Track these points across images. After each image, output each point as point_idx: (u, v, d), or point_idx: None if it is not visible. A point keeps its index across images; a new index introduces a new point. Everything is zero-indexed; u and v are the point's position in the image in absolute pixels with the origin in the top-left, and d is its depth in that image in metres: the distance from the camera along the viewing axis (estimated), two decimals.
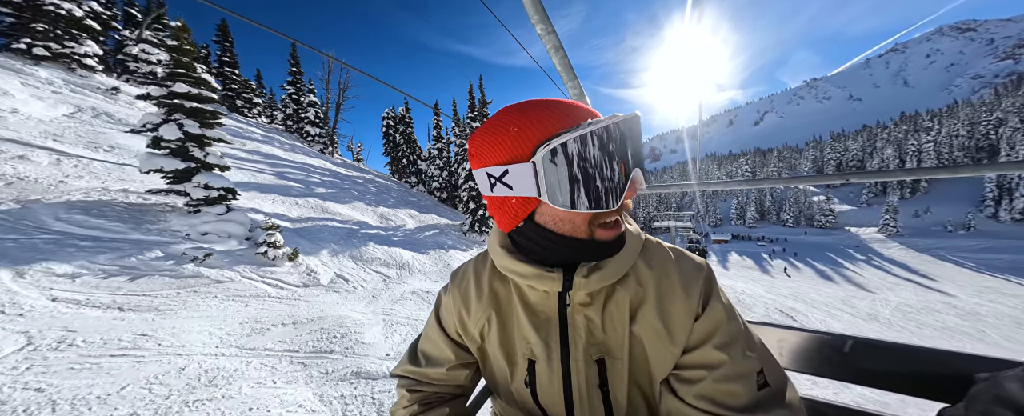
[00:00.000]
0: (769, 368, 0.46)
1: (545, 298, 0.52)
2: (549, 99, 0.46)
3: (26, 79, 9.33)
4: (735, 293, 12.94)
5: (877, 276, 30.16)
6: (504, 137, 0.44)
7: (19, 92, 8.34)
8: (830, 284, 25.55)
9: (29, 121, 7.32)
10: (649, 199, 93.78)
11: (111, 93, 10.85)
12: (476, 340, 0.59)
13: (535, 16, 0.72)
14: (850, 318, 12.83)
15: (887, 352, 0.65)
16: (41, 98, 8.64)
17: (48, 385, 2.59)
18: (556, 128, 0.43)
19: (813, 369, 0.73)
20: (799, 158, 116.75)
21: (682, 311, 0.48)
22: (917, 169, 0.85)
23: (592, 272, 0.48)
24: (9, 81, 8.51)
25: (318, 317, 4.59)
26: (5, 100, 7.69)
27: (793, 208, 77.12)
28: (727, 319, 0.48)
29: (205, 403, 2.71)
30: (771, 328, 0.78)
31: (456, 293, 0.62)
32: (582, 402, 0.51)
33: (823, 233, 64.00)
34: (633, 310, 0.49)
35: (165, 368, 3.05)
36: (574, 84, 0.94)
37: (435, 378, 0.61)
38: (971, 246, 42.83)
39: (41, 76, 9.73)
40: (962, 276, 29.07)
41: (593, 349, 0.50)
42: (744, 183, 1.10)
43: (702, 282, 0.50)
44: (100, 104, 9.97)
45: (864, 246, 50.51)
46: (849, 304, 15.20)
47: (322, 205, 11.03)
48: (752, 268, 34.90)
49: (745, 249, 50.84)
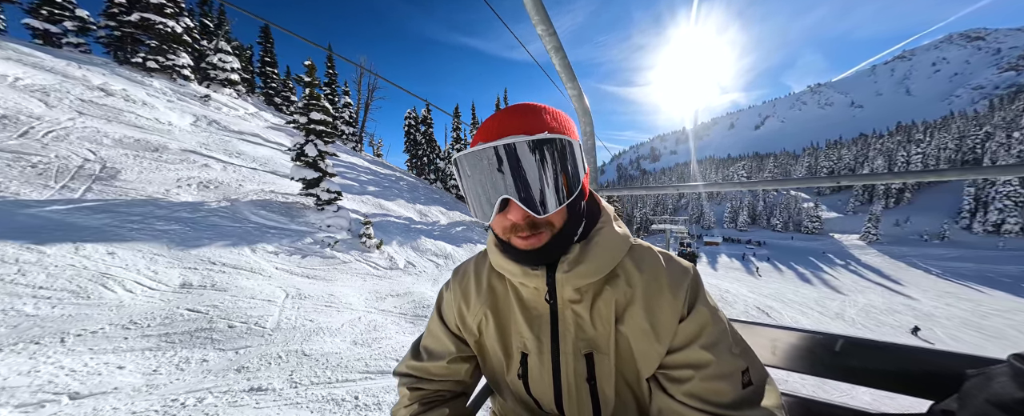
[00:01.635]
0: (753, 367, 0.49)
1: (536, 295, 0.56)
2: (504, 111, 0.50)
3: (149, 90, 11.54)
4: (720, 291, 14.38)
5: (851, 280, 31.97)
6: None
7: (157, 103, 10.58)
8: (808, 286, 26.87)
9: (183, 133, 9.61)
10: (647, 200, 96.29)
11: (204, 100, 13.07)
12: (474, 334, 0.62)
13: (536, 16, 0.73)
14: (819, 315, 14.05)
15: (877, 351, 0.67)
16: (171, 109, 10.88)
17: (310, 321, 4.00)
18: (477, 141, 0.49)
19: (806, 368, 0.74)
20: (795, 164, 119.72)
21: (668, 312, 0.50)
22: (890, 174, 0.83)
23: (572, 267, 0.51)
24: (139, 92, 10.69)
25: (407, 292, 5.89)
26: (151, 112, 9.92)
27: (783, 213, 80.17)
28: (712, 321, 0.50)
29: (381, 340, 3.98)
30: (764, 328, 0.79)
31: (457, 289, 0.65)
32: (570, 394, 0.54)
33: (809, 238, 67.16)
34: (621, 309, 0.52)
35: (352, 317, 4.41)
36: (573, 86, 0.96)
37: (436, 373, 0.64)
38: (942, 255, 45.82)
39: (156, 87, 11.91)
40: (928, 282, 31.04)
41: (581, 344, 0.53)
42: (735, 185, 1.07)
43: (688, 285, 0.52)
44: (208, 113, 12.23)
45: (844, 252, 53.37)
46: (821, 304, 16.50)
47: (377, 202, 13.34)
48: (739, 270, 36.49)
49: (734, 252, 53.47)
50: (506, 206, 0.48)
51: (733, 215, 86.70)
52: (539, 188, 0.46)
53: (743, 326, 0.81)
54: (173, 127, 9.67)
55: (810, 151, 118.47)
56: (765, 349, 0.79)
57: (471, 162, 0.47)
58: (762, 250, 55.38)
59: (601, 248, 0.52)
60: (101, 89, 9.30)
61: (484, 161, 0.46)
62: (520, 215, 0.47)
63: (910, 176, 0.82)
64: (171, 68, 13.19)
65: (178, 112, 10.96)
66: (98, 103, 8.64)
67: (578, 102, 1.03)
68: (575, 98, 1.01)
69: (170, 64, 13.11)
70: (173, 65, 13.19)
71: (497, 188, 0.46)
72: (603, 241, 0.53)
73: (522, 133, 0.46)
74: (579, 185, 0.49)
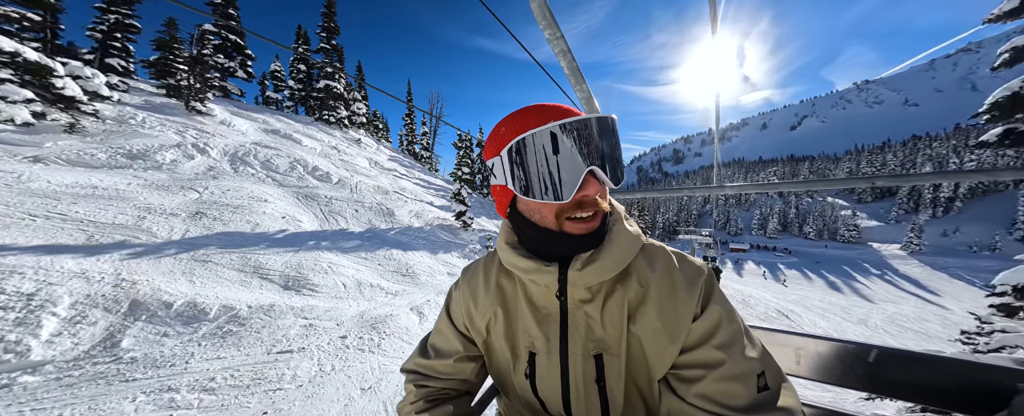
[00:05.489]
0: (770, 371, 0.47)
1: (546, 293, 0.55)
2: (541, 104, 0.51)
3: (336, 139, 17.08)
4: (743, 296, 14.02)
5: (884, 289, 32.00)
6: (496, 136, 0.52)
7: (353, 152, 16.04)
8: (836, 294, 27.35)
9: (372, 174, 14.76)
10: (669, 204, 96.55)
11: (357, 143, 18.54)
12: (482, 333, 0.62)
13: (543, 21, 0.73)
14: (840, 320, 14.00)
15: (916, 363, 0.63)
16: (359, 156, 16.24)
17: None
18: (526, 128, 0.48)
19: (835, 379, 0.71)
20: (834, 168, 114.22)
21: (681, 311, 0.49)
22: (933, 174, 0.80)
23: (586, 265, 0.50)
24: (348, 147, 16.13)
25: None
26: (355, 160, 15.16)
27: (817, 221, 78.25)
28: (726, 320, 0.49)
29: None
30: (789, 336, 0.76)
31: (466, 288, 0.65)
32: (578, 395, 0.54)
33: (844, 247, 65.77)
34: (632, 309, 0.51)
35: None
36: (582, 88, 0.96)
37: (442, 371, 0.65)
38: (989, 267, 43.53)
39: (335, 135, 17.45)
40: (968, 293, 30.03)
41: (591, 344, 0.52)
42: (755, 186, 1.06)
43: (702, 284, 0.51)
44: (369, 154, 17.65)
45: (881, 262, 52.22)
46: (846, 311, 16.27)
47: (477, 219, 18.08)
48: (766, 276, 37.93)
49: (762, 259, 54.06)
50: (585, 180, 0.47)
51: (762, 222, 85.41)
52: (611, 162, 0.48)
53: (766, 334, 0.80)
54: (370, 171, 14.88)
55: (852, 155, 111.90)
56: (789, 358, 0.77)
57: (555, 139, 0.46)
58: (792, 258, 55.57)
59: (615, 245, 0.52)
60: (334, 148, 14.71)
61: (574, 134, 0.46)
62: (596, 188, 0.48)
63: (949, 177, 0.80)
64: (339, 120, 18.91)
65: (363, 158, 16.32)
66: (342, 158, 13.93)
67: (588, 104, 1.04)
68: (585, 100, 1.02)
69: (339, 117, 18.88)
70: (340, 118, 18.91)
71: (582, 161, 0.47)
72: (616, 238, 0.53)
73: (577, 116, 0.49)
74: (623, 166, 0.51)
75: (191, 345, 3.76)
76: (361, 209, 10.51)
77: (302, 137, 14.48)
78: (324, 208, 9.92)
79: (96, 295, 4.00)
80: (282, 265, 6.09)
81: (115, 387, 3.05)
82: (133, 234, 5.52)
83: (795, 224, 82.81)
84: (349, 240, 8.52)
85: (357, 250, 8.02)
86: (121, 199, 6.28)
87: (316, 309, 4.98)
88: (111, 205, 6.00)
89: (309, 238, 7.80)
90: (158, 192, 7.03)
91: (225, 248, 6.07)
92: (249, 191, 8.65)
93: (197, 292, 4.65)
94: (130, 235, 5.47)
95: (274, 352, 3.92)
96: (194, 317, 4.20)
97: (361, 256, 7.72)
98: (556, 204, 0.49)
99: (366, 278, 6.59)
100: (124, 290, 4.21)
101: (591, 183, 0.48)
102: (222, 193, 8.02)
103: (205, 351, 3.69)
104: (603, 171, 0.47)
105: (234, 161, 10.06)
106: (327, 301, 5.41)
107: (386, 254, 8.20)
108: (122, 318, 3.88)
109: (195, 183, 8.01)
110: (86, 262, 4.44)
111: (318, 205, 9.93)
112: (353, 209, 10.34)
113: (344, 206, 10.40)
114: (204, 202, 7.34)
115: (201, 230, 6.41)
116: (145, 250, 5.21)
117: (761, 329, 0.81)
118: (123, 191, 6.54)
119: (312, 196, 10.24)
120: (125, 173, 7.31)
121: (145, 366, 3.35)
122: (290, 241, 7.31)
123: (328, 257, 6.94)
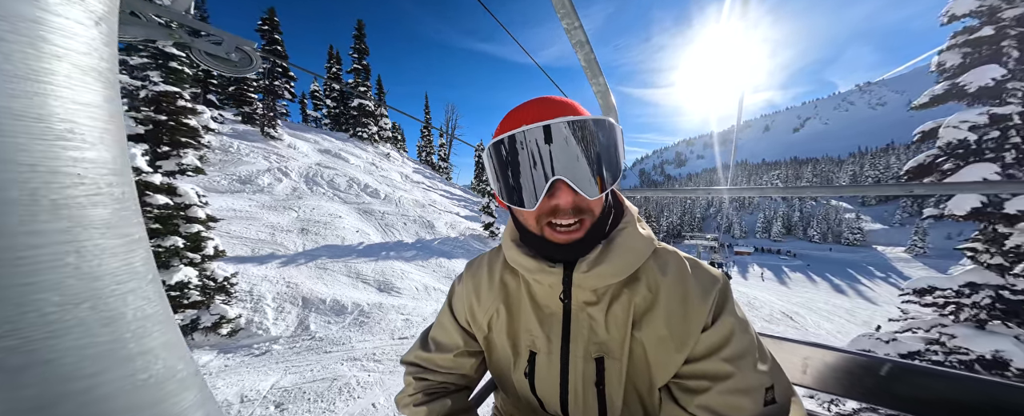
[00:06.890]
0: (779, 385, 0.46)
1: (551, 293, 0.54)
2: (538, 99, 0.49)
3: (370, 155, 18.81)
4: (747, 299, 13.98)
5: (889, 292, 31.37)
6: (495, 134, 0.50)
7: (387, 167, 17.67)
8: (841, 296, 27.09)
9: (407, 188, 16.42)
10: (673, 207, 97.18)
11: (387, 158, 20.28)
12: (483, 329, 0.61)
13: (561, 10, 0.71)
14: (843, 323, 14.16)
15: (931, 378, 0.61)
16: (391, 170, 17.91)
17: None
18: (507, 129, 0.47)
19: (843, 391, 0.69)
20: (838, 171, 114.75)
21: (691, 320, 0.48)
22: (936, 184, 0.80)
23: (591, 268, 0.49)
24: (382, 162, 17.78)
25: None
26: (390, 173, 16.84)
27: (821, 224, 78.68)
28: (738, 332, 0.48)
29: None
30: (795, 344, 0.75)
31: (469, 283, 0.65)
32: (577, 397, 0.53)
33: (848, 250, 66.06)
34: (639, 314, 0.50)
35: None
36: (599, 81, 0.92)
37: (442, 365, 0.65)
38: None
39: (368, 150, 19.22)
40: None
41: (593, 347, 0.51)
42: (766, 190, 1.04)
43: (716, 294, 0.49)
44: (398, 168, 19.33)
45: (886, 264, 52.39)
46: (851, 313, 16.28)
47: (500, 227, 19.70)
48: (769, 279, 38.56)
49: (765, 262, 54.22)
50: (553, 190, 0.45)
51: (766, 225, 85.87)
52: (589, 169, 0.45)
53: (772, 341, 0.79)
54: (404, 184, 16.55)
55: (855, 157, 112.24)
56: (795, 367, 0.76)
57: (516, 145, 0.45)
58: (796, 261, 56.01)
59: (623, 249, 0.50)
60: (372, 164, 16.42)
61: (533, 142, 0.44)
62: (569, 199, 0.45)
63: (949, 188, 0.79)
64: (370, 136, 20.72)
65: (395, 172, 18.03)
66: (381, 174, 15.58)
67: (603, 98, 1.00)
68: (600, 94, 0.98)
69: (370, 133, 20.67)
70: (371, 134, 20.71)
71: (546, 170, 0.44)
72: (626, 242, 0.51)
73: (566, 116, 0.46)
74: (621, 172, 0.48)
75: (345, 330, 5.31)
76: (408, 222, 12.12)
77: (348, 156, 16.28)
78: (380, 222, 11.57)
79: (282, 293, 5.62)
80: (371, 271, 7.66)
81: (322, 356, 4.60)
82: (273, 247, 7.16)
83: (799, 227, 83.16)
84: (407, 250, 10.09)
85: (415, 259, 9.51)
86: (252, 219, 7.95)
87: (406, 307, 6.48)
88: (250, 225, 7.67)
89: (380, 249, 9.40)
90: (270, 212, 8.71)
91: (332, 258, 7.69)
92: (327, 209, 10.33)
93: (332, 292, 6.24)
94: (273, 248, 7.12)
95: (396, 337, 5.46)
96: (339, 311, 5.78)
97: (419, 264, 9.20)
98: (532, 211, 0.48)
99: (428, 282, 8.07)
100: (294, 289, 5.82)
101: (564, 191, 0.45)
102: (310, 211, 9.69)
103: (356, 335, 5.22)
104: (577, 179, 0.45)
105: (308, 182, 11.78)
106: (410, 301, 6.91)
107: (437, 262, 9.72)
108: (302, 309, 5.49)
109: (289, 203, 9.69)
110: (261, 269, 6.07)
111: (375, 219, 11.58)
112: (402, 223, 11.96)
113: (395, 220, 12.03)
114: (303, 219, 9.00)
115: (310, 243, 8.05)
116: (287, 260, 6.84)
117: (767, 337, 0.80)
118: (250, 212, 8.21)
119: (369, 211, 11.91)
120: (242, 197, 9.03)
121: (330, 343, 4.91)
122: (368, 252, 8.91)
123: (398, 265, 8.47)
